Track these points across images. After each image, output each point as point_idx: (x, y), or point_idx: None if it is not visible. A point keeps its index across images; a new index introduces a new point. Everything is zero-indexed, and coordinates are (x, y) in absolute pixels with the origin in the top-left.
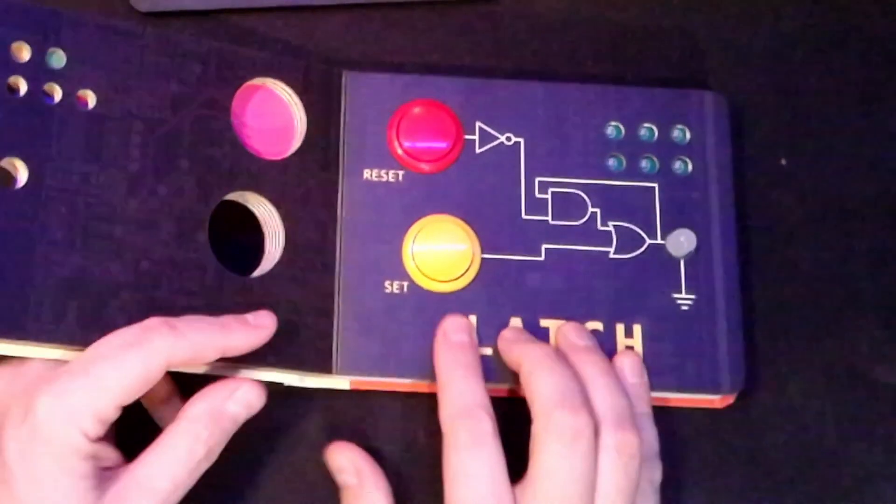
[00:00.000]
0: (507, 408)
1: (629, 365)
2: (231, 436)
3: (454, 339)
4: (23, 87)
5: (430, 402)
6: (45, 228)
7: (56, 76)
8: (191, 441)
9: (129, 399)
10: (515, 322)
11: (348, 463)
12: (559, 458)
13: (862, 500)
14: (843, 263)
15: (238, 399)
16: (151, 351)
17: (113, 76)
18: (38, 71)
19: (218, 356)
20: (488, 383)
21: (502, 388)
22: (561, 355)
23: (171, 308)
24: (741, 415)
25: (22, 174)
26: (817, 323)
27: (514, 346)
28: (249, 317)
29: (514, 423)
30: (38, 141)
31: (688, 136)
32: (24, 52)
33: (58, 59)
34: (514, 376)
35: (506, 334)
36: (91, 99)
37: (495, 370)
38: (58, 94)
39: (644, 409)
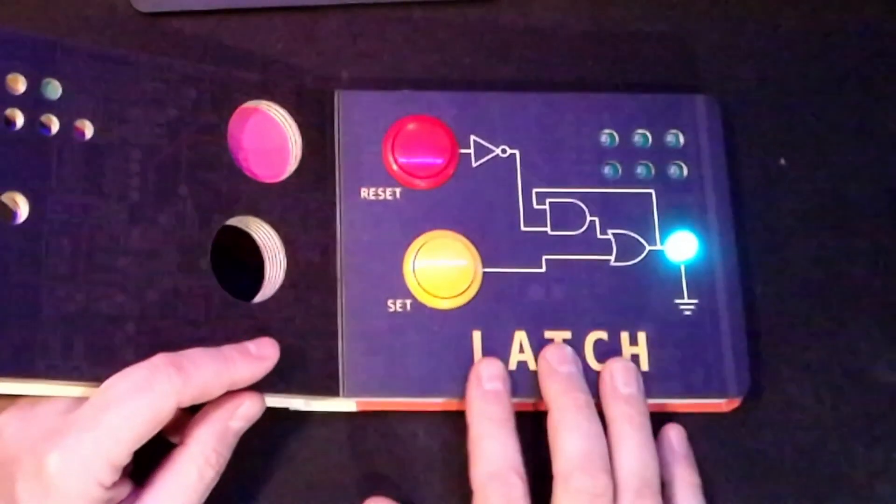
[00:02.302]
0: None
1: (621, 371)
2: (233, 448)
3: (488, 387)
4: (20, 119)
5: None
6: (48, 263)
7: (52, 107)
8: (201, 465)
9: (140, 443)
10: (521, 336)
11: None
12: None
13: (862, 500)
14: (843, 263)
15: (241, 416)
16: (160, 395)
17: (109, 105)
18: (34, 102)
19: (224, 391)
20: (513, 398)
21: (527, 403)
22: (591, 407)
23: (178, 338)
24: (740, 415)
25: (23, 208)
26: (817, 323)
27: (550, 381)
28: (251, 346)
29: (538, 436)
30: (37, 174)
31: (681, 140)
32: (19, 84)
33: (53, 89)
34: (535, 390)
35: (546, 356)
36: (88, 129)
37: (520, 385)
38: (55, 125)
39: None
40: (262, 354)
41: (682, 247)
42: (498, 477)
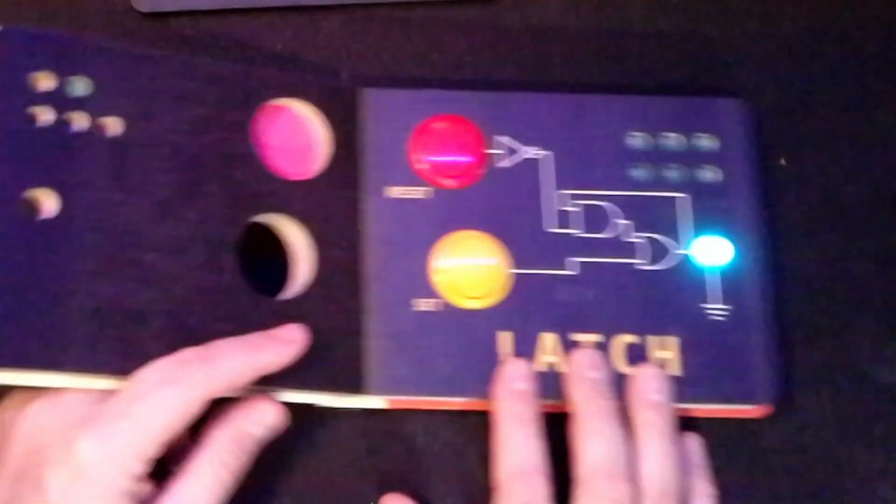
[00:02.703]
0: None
1: (651, 378)
2: (254, 457)
3: (515, 387)
4: (48, 116)
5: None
6: (76, 258)
7: (81, 104)
8: (217, 468)
9: (171, 436)
10: (549, 338)
11: None
12: None
13: (862, 500)
14: (843, 263)
15: (258, 421)
16: (189, 386)
17: (137, 102)
18: (62, 99)
19: (254, 378)
20: (540, 399)
21: (554, 405)
22: (616, 414)
23: (204, 334)
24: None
25: (52, 205)
26: (817, 323)
27: (577, 386)
28: (279, 331)
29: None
30: (66, 170)
31: (713, 144)
32: (47, 81)
33: (82, 86)
34: (562, 393)
35: (575, 359)
36: (116, 125)
37: (548, 387)
38: (83, 121)
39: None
40: (289, 338)
41: (712, 251)
42: (522, 476)
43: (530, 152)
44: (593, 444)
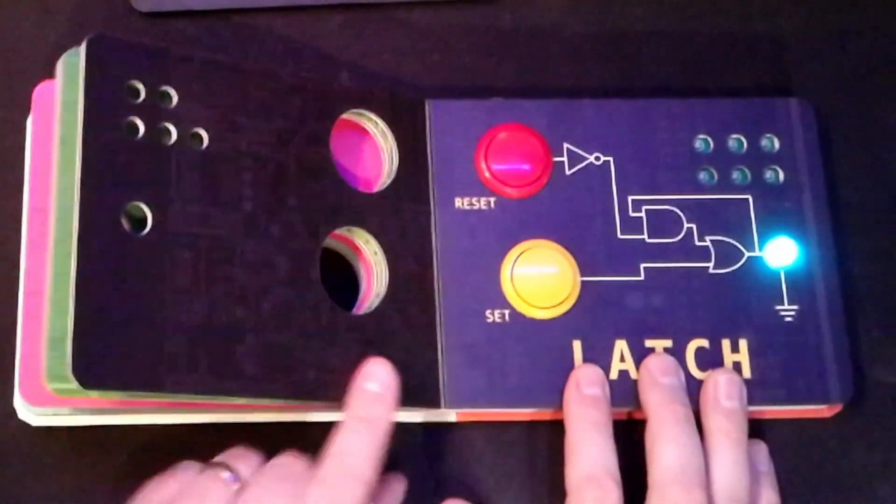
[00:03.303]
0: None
1: (725, 383)
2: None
3: (587, 392)
4: (141, 127)
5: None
6: (171, 274)
7: (170, 115)
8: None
9: None
10: (620, 345)
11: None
12: None
13: (862, 500)
14: (843, 263)
15: None
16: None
17: (222, 113)
18: (152, 110)
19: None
20: (614, 407)
21: (622, 412)
22: (690, 420)
23: (293, 350)
24: None
25: (147, 218)
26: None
27: (651, 391)
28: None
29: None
30: (158, 183)
31: (777, 144)
32: (140, 92)
33: (170, 97)
34: (635, 400)
35: (649, 365)
36: (204, 137)
37: (622, 395)
38: (173, 133)
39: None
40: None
41: (781, 252)
42: (594, 480)
43: (595, 159)
44: (667, 450)
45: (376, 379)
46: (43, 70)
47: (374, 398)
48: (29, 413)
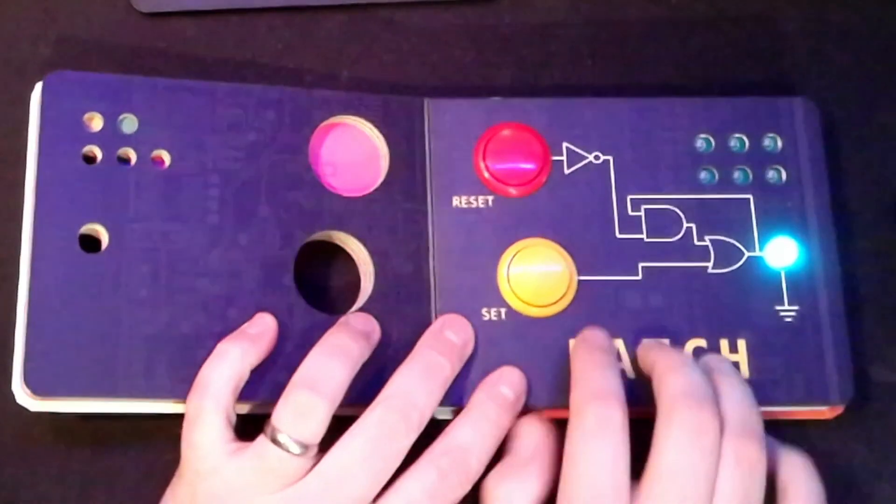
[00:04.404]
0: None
1: (716, 358)
2: None
3: (594, 343)
4: (98, 155)
5: None
6: (128, 289)
7: (129, 140)
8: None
9: None
10: (617, 344)
11: None
12: (679, 454)
13: (862, 500)
14: (843, 263)
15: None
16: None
17: (186, 134)
18: (111, 138)
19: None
20: None
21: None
22: (697, 364)
23: None
24: None
25: (103, 239)
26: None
27: (651, 351)
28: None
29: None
30: (116, 205)
31: (779, 144)
32: (96, 122)
33: (129, 123)
34: (646, 394)
35: (645, 342)
36: (166, 158)
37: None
38: (133, 157)
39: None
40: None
41: (781, 252)
42: (597, 396)
43: (594, 158)
44: (674, 377)
45: (512, 386)
46: (43, 70)
47: (506, 403)
48: (26, 398)
